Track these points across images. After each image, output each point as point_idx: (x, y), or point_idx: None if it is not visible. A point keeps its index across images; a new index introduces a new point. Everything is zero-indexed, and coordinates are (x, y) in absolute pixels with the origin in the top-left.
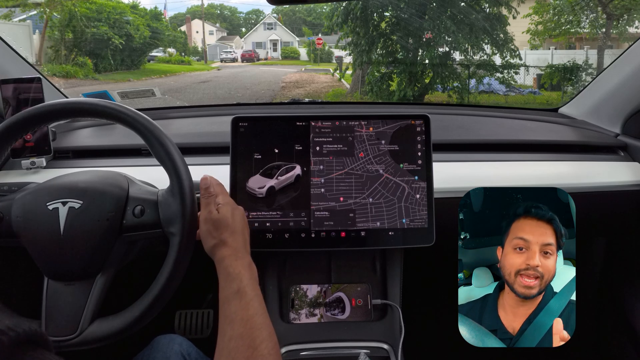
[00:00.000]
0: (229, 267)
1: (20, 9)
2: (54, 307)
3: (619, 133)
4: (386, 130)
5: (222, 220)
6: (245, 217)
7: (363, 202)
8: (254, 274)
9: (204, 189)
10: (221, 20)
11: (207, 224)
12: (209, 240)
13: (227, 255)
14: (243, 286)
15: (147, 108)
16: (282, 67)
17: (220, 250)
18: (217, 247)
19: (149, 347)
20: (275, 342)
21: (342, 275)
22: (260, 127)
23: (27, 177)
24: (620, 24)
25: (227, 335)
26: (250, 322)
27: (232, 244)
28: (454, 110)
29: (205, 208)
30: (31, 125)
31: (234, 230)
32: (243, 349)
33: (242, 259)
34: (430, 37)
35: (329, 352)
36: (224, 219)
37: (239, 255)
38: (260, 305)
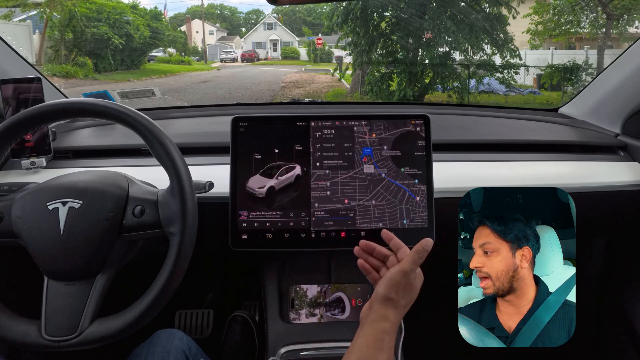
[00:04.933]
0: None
1: (20, 9)
2: (54, 307)
3: (619, 133)
4: (388, 136)
5: (414, 288)
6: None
7: (366, 204)
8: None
9: (424, 250)
10: (221, 20)
11: (403, 278)
12: (389, 291)
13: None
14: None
15: (147, 108)
16: (282, 67)
17: (388, 311)
18: (388, 305)
19: (149, 341)
20: None
21: (342, 275)
22: (260, 127)
23: (27, 177)
24: (620, 24)
25: None
26: None
27: (401, 313)
28: (454, 110)
29: (411, 264)
30: (31, 125)
31: (408, 305)
32: None
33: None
34: (430, 37)
35: (329, 352)
36: (416, 288)
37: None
38: None
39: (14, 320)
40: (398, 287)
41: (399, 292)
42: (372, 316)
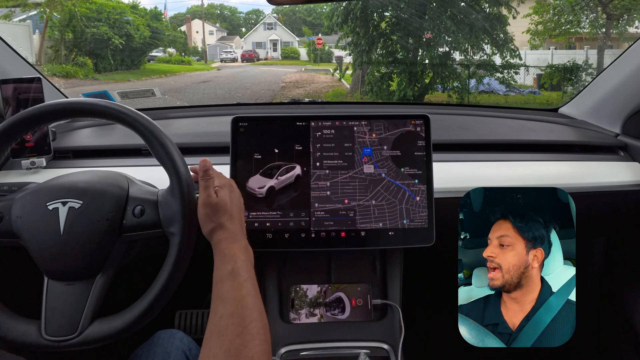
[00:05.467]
0: (225, 249)
1: (20, 9)
2: (54, 307)
3: (619, 133)
4: (388, 136)
5: (220, 204)
6: (242, 199)
7: (366, 204)
8: (249, 256)
9: (203, 172)
10: (221, 20)
11: (206, 207)
12: (207, 224)
13: (224, 238)
14: (237, 267)
15: (147, 108)
16: (282, 67)
17: (217, 234)
18: (214, 230)
19: (149, 341)
20: (266, 323)
21: (342, 275)
22: (260, 127)
23: (27, 177)
24: (620, 24)
25: (218, 313)
26: (242, 302)
27: (229, 227)
28: (454, 110)
29: (204, 191)
30: (31, 125)
31: (232, 214)
32: (233, 327)
33: (239, 242)
34: (430, 37)
35: (329, 352)
36: (222, 202)
37: (236, 238)
38: (253, 287)
39: (14, 320)
40: (206, 217)
41: (212, 218)
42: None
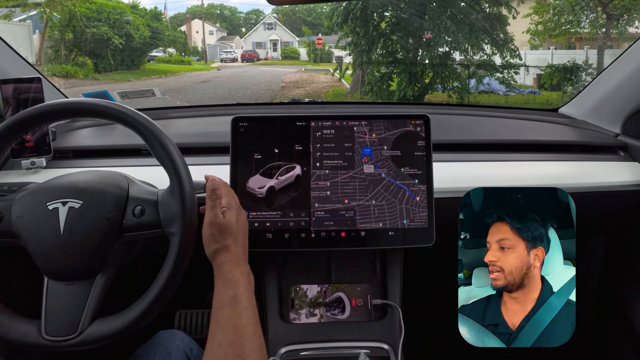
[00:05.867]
0: (228, 272)
1: (20, 9)
2: (54, 307)
3: (619, 133)
4: (388, 136)
5: (227, 226)
6: (247, 222)
7: (366, 204)
8: (251, 282)
9: (211, 191)
10: (221, 20)
11: (212, 227)
12: (211, 244)
13: (228, 261)
14: (239, 293)
15: (147, 108)
16: (282, 67)
17: (221, 256)
18: (218, 252)
19: (150, 342)
20: (264, 355)
21: (342, 275)
22: (260, 127)
23: (27, 177)
24: (620, 24)
25: (217, 341)
26: (242, 331)
27: (233, 250)
28: (454, 110)
29: (211, 210)
30: (31, 125)
31: (237, 237)
32: (232, 356)
33: (242, 267)
34: (430, 37)
35: (329, 352)
36: (229, 224)
37: (239, 262)
38: (253, 315)
39: (14, 320)
40: (212, 238)
41: (218, 239)
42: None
